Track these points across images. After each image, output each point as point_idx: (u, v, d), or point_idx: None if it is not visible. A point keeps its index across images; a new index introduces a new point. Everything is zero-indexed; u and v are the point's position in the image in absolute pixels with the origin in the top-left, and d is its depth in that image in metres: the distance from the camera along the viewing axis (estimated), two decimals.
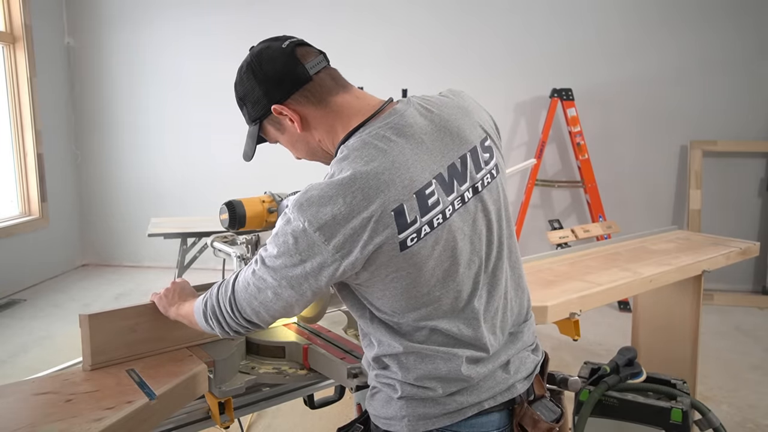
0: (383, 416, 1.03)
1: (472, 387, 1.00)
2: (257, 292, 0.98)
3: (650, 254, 2.43)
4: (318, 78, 1.03)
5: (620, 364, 2.02)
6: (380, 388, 1.04)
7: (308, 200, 0.91)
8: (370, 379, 1.08)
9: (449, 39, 4.77)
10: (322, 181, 0.93)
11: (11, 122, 4.75)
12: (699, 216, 4.46)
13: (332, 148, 1.04)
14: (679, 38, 4.51)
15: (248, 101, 1.07)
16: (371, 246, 0.90)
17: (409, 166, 0.93)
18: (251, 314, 1.01)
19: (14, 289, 4.63)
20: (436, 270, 0.95)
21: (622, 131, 4.68)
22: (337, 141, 1.02)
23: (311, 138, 1.06)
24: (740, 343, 3.64)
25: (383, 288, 0.96)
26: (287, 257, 0.93)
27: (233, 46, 5.11)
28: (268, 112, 1.05)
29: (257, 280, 0.98)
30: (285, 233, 0.93)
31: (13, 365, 3.34)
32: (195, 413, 1.25)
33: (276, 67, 1.02)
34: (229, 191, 1.96)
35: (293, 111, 1.03)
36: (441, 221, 0.94)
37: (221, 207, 1.53)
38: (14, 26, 4.69)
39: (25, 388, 1.17)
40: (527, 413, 1.04)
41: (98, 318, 1.25)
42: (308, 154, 1.11)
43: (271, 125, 1.09)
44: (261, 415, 2.71)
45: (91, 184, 5.50)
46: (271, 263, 0.95)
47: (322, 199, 0.90)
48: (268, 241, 0.97)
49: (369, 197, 0.89)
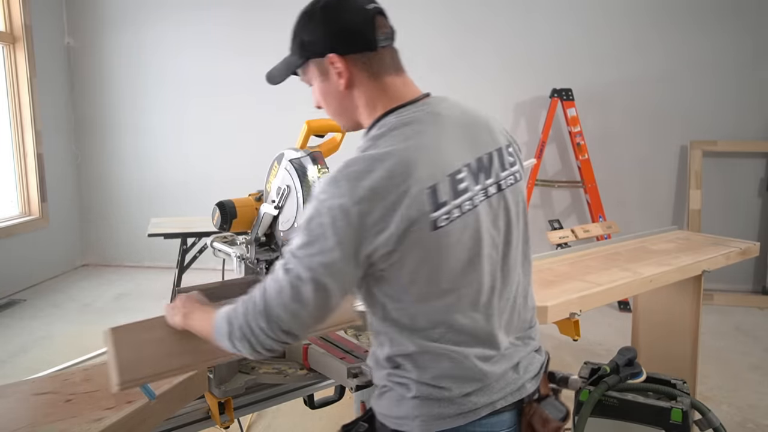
0: (394, 415, 1.02)
1: (486, 387, 1.01)
2: (293, 293, 0.92)
3: (650, 254, 2.43)
4: (381, 52, 1.03)
5: (620, 364, 2.02)
6: (391, 387, 1.03)
7: (346, 175, 0.91)
8: (378, 378, 1.06)
9: (449, 39, 4.77)
10: (358, 157, 0.93)
11: (11, 122, 4.75)
12: (699, 216, 4.46)
13: (364, 121, 1.05)
14: (680, 38, 4.51)
15: (308, 35, 1.05)
16: (406, 222, 0.90)
17: (442, 149, 0.96)
18: (290, 322, 0.94)
19: (14, 289, 4.63)
20: (461, 257, 0.96)
21: (622, 131, 4.68)
22: (373, 117, 1.03)
23: (348, 100, 1.06)
24: (740, 343, 3.64)
25: (410, 272, 0.94)
26: (323, 241, 0.90)
27: (233, 47, 5.13)
28: (321, 56, 1.03)
29: (292, 279, 0.92)
30: (319, 214, 0.91)
31: (13, 365, 3.34)
32: (195, 413, 1.25)
33: (352, 22, 1.01)
34: (229, 191, 1.96)
35: (347, 68, 1.02)
36: (469, 208, 0.96)
37: (212, 209, 1.58)
38: (14, 26, 4.69)
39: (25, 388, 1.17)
40: (537, 412, 1.06)
41: (123, 331, 1.16)
42: (335, 112, 1.09)
43: (317, 67, 1.06)
44: (261, 415, 2.71)
45: (91, 184, 5.50)
46: (305, 253, 0.92)
47: (360, 173, 0.90)
48: (295, 236, 0.93)
49: (406, 173, 0.90)
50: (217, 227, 1.66)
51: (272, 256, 1.68)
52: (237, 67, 5.10)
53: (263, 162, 1.67)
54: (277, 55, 1.19)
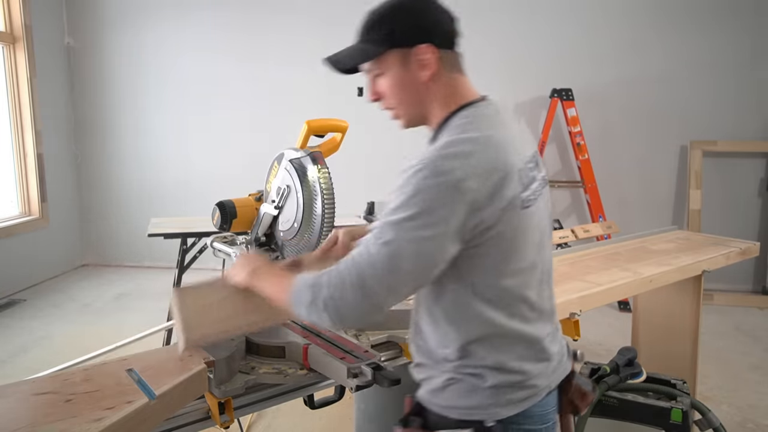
0: (463, 406, 1.05)
1: (548, 368, 1.08)
2: (391, 266, 0.94)
3: (650, 254, 2.43)
4: (456, 52, 1.11)
5: (620, 364, 2.02)
6: (460, 378, 1.05)
7: (450, 154, 0.95)
8: (439, 372, 1.08)
9: None
10: (461, 137, 0.98)
11: (11, 122, 4.76)
12: (699, 216, 4.46)
13: (434, 114, 1.09)
14: (680, 39, 4.51)
15: (399, 25, 1.06)
16: (505, 201, 0.96)
17: (516, 141, 1.04)
18: (383, 295, 0.96)
19: (14, 289, 4.63)
20: (535, 237, 1.05)
21: (622, 131, 4.68)
22: (446, 111, 1.07)
23: (425, 93, 1.08)
24: (740, 343, 3.64)
25: (502, 249, 1.00)
26: (429, 215, 0.92)
27: (233, 47, 5.14)
28: (409, 46, 1.05)
29: (392, 251, 0.93)
30: (427, 188, 0.93)
31: (13, 365, 3.34)
32: (195, 413, 1.24)
33: (442, 19, 1.08)
34: (229, 191, 1.96)
35: (435, 60, 1.06)
36: (538, 194, 1.06)
37: (212, 209, 1.58)
38: (14, 26, 4.69)
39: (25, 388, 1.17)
40: (576, 388, 1.14)
41: (188, 292, 1.19)
42: (406, 102, 1.10)
43: (398, 57, 1.07)
44: (261, 415, 2.71)
45: (91, 184, 5.51)
46: (410, 226, 0.93)
47: (463, 153, 0.95)
48: (393, 210, 0.95)
49: (501, 155, 0.98)
50: (217, 227, 1.66)
51: (272, 256, 1.68)
52: (237, 67, 5.11)
53: (263, 162, 1.68)
54: (277, 54, 1.20)
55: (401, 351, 1.52)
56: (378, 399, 1.93)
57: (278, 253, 1.68)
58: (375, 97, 1.12)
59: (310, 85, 4.98)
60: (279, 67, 5.00)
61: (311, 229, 1.55)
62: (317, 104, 4.90)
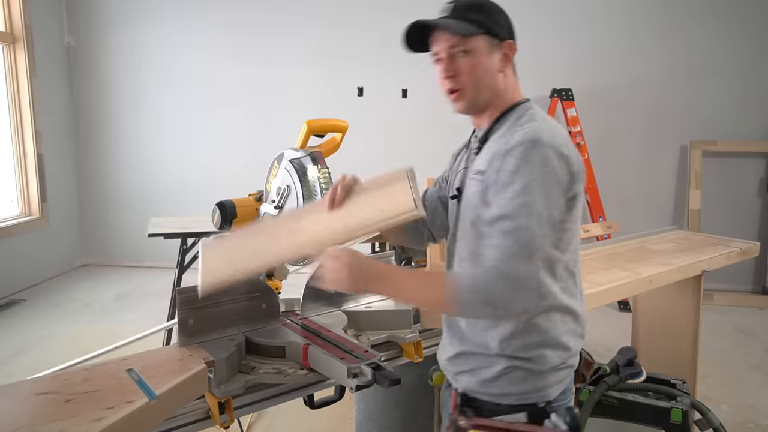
0: (516, 392, 1.13)
1: (579, 346, 1.19)
2: (533, 253, 1.01)
3: (650, 254, 2.43)
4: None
5: (620, 364, 2.02)
6: (519, 365, 1.12)
7: (563, 142, 1.08)
8: (496, 362, 1.13)
9: None
10: (551, 128, 1.10)
11: (11, 122, 4.76)
12: (699, 216, 4.46)
13: (496, 102, 1.18)
14: (680, 39, 4.51)
15: (498, 15, 1.18)
16: (581, 179, 1.12)
17: None
18: (536, 281, 1.01)
19: (14, 289, 4.63)
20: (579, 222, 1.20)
21: (622, 131, 4.68)
22: (506, 102, 1.19)
23: (495, 81, 1.17)
24: (740, 343, 3.64)
25: (575, 225, 1.14)
26: (552, 199, 1.04)
27: (233, 47, 5.14)
28: (501, 38, 1.17)
29: (536, 239, 1.01)
30: (550, 167, 1.03)
31: (13, 365, 3.34)
32: (195, 413, 1.24)
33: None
34: (229, 191, 1.96)
35: (513, 57, 1.19)
36: None
37: (212, 209, 1.58)
38: (14, 26, 4.69)
39: (25, 388, 1.17)
40: (584, 360, 1.29)
41: (213, 245, 1.32)
42: (478, 85, 1.16)
43: (487, 44, 1.15)
44: (261, 415, 2.71)
45: (91, 184, 5.51)
46: (543, 207, 1.02)
47: (566, 141, 1.10)
48: (520, 196, 1.01)
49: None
50: (217, 227, 1.66)
51: None
52: (237, 67, 5.11)
53: (263, 162, 1.68)
54: (277, 54, 1.20)
55: (401, 351, 1.52)
56: (378, 399, 1.93)
57: None
58: (451, 73, 1.16)
59: (310, 85, 4.99)
60: (279, 67, 5.00)
61: None
62: (317, 104, 4.90)
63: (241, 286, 1.44)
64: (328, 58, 4.99)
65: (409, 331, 1.53)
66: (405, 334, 1.51)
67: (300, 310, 1.59)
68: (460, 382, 1.21)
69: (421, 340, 1.52)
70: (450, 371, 1.24)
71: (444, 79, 1.17)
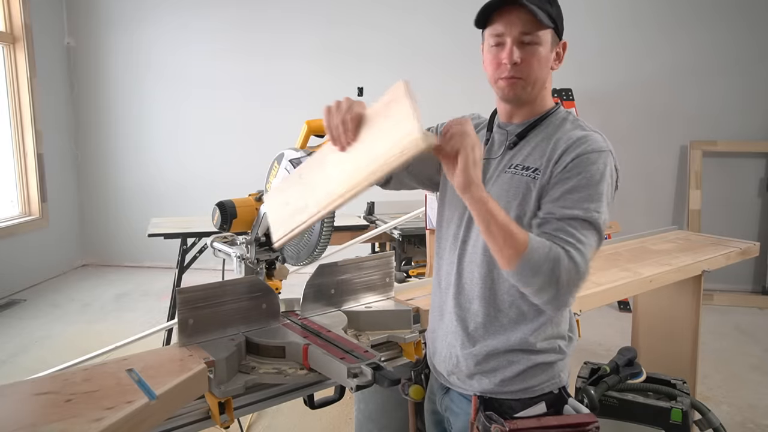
0: (535, 385, 1.16)
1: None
2: (594, 252, 1.08)
3: (650, 254, 2.43)
4: None
5: (620, 364, 2.02)
6: (540, 361, 1.16)
7: (609, 146, 1.12)
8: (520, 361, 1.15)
9: (449, 38, 4.77)
10: (597, 133, 1.14)
11: (11, 122, 4.76)
12: (699, 216, 4.46)
13: (542, 103, 1.22)
14: (679, 39, 4.51)
15: (560, 13, 1.24)
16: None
17: None
18: (584, 281, 1.06)
19: (14, 289, 4.63)
20: None
21: (621, 131, 4.68)
22: (547, 100, 1.23)
23: (546, 75, 1.20)
24: (740, 343, 3.64)
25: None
26: (608, 200, 1.09)
27: (233, 47, 5.14)
28: (560, 36, 1.23)
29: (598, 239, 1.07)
30: (608, 176, 1.09)
31: (13, 365, 3.34)
32: (195, 413, 1.24)
33: None
34: (229, 191, 1.96)
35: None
36: None
37: (212, 209, 1.58)
38: (14, 26, 4.69)
39: (25, 388, 1.16)
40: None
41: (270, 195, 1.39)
42: (540, 79, 1.18)
43: (551, 40, 1.20)
44: (261, 415, 2.71)
45: (91, 184, 5.51)
46: (603, 207, 1.07)
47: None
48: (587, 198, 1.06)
49: None
50: (217, 227, 1.66)
51: (272, 256, 1.68)
52: (237, 67, 5.11)
53: (263, 162, 1.67)
54: (277, 54, 1.20)
55: (401, 351, 1.52)
56: (378, 399, 1.93)
57: (278, 253, 1.68)
58: (519, 60, 1.13)
59: (310, 84, 4.98)
60: (279, 66, 5.00)
61: (311, 230, 1.55)
62: (317, 104, 4.89)
63: (242, 286, 1.44)
64: (329, 57, 4.99)
65: (409, 331, 1.52)
66: (405, 334, 1.51)
67: (300, 310, 1.59)
68: (470, 386, 1.20)
69: (421, 340, 1.52)
70: (455, 375, 1.23)
71: (506, 65, 1.13)
